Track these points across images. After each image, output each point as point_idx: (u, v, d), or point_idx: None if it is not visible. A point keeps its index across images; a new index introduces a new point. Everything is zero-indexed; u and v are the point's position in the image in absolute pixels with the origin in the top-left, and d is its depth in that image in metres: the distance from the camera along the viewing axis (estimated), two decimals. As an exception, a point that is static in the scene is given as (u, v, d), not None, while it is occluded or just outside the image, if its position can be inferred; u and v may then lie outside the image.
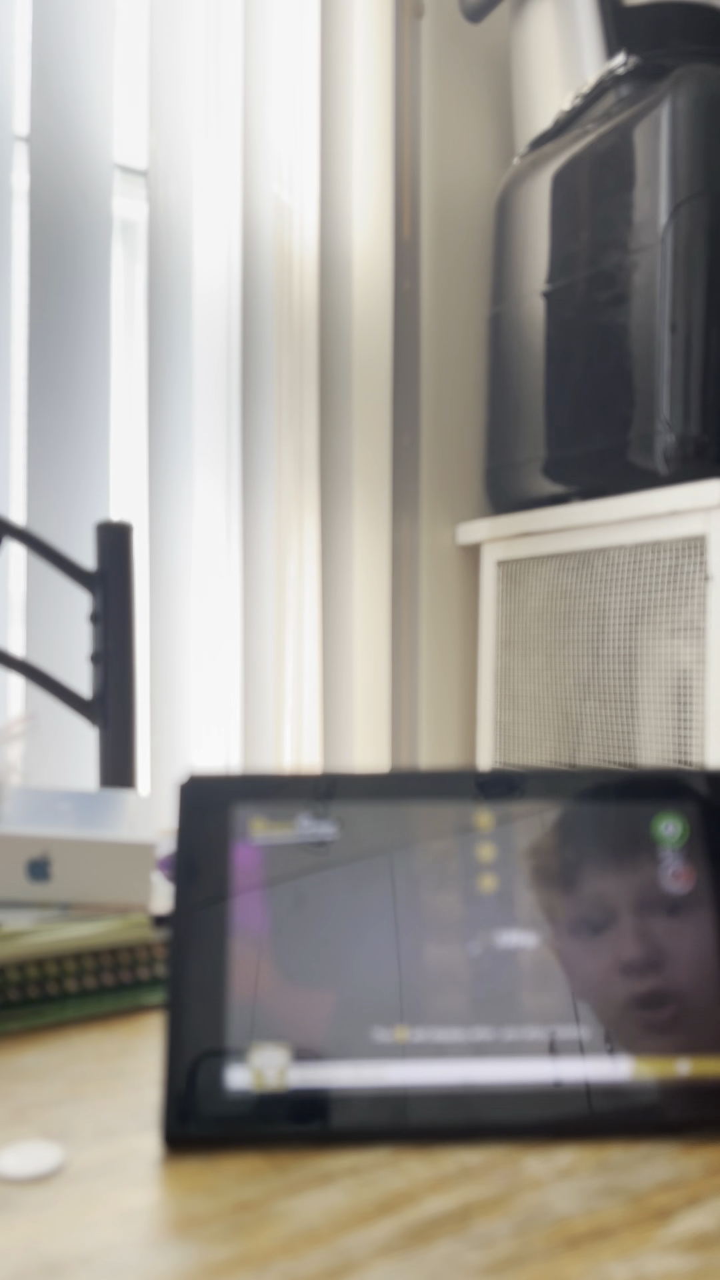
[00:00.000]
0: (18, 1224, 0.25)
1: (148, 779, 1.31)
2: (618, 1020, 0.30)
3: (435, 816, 0.33)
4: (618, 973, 0.31)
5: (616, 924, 0.31)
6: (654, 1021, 0.30)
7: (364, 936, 0.31)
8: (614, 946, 0.31)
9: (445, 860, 0.32)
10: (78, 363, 1.27)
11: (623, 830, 0.33)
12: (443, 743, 1.65)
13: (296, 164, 1.45)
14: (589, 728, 1.44)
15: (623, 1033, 0.30)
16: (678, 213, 1.29)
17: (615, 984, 0.31)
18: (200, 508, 1.38)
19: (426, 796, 0.33)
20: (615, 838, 0.32)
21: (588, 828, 0.33)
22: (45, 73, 1.24)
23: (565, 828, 0.33)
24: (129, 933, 0.40)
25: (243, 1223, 0.25)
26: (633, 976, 0.31)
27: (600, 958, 0.31)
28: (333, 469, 1.49)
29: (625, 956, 0.31)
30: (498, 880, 0.32)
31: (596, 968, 0.31)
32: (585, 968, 0.31)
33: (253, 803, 0.32)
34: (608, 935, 0.31)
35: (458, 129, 1.69)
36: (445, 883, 0.32)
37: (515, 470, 1.57)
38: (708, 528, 1.27)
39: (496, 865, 0.32)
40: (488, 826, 0.32)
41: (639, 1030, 0.30)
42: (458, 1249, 0.24)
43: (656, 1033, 0.30)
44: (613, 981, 0.31)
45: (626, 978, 0.31)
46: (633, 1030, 0.30)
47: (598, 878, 0.32)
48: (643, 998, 0.30)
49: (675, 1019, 0.30)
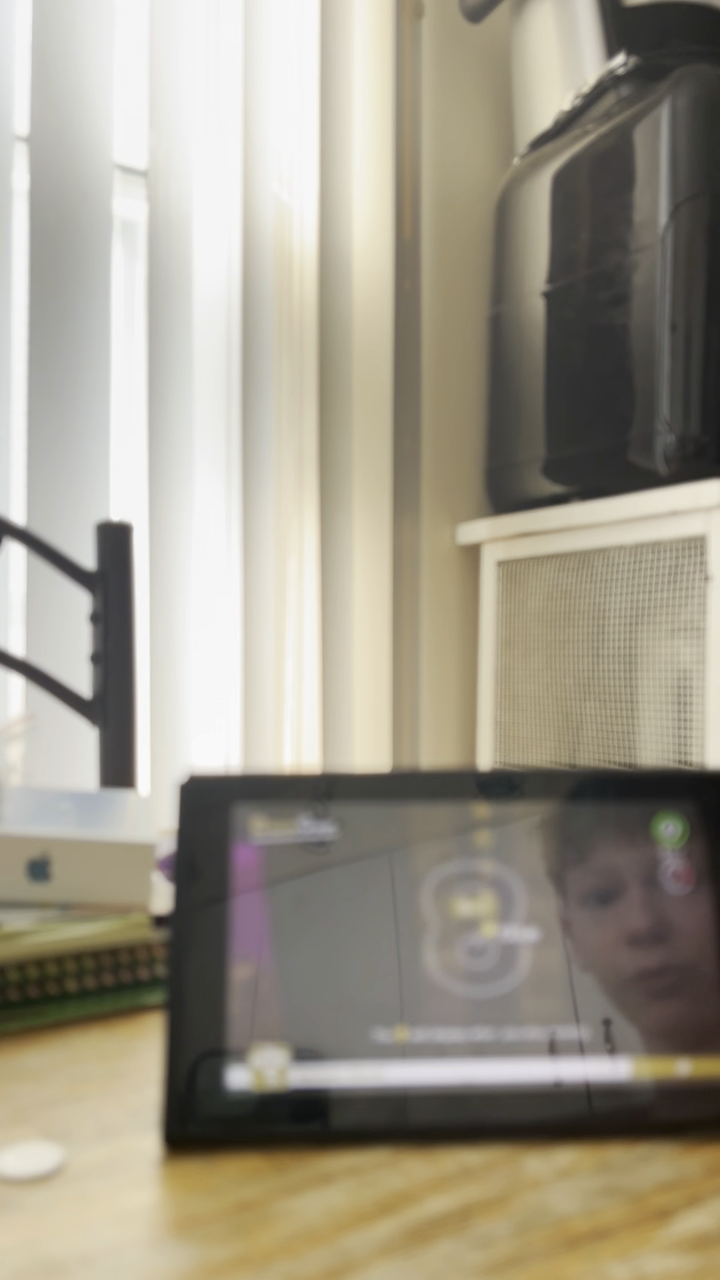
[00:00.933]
0: (18, 1224, 0.25)
1: (148, 779, 1.31)
2: (623, 996, 0.30)
3: (435, 816, 0.33)
4: (625, 945, 0.31)
5: (624, 897, 0.31)
6: (658, 994, 0.30)
7: (364, 936, 0.31)
8: (620, 923, 0.31)
9: (445, 860, 0.32)
10: (78, 363, 1.26)
11: (622, 830, 0.33)
12: (443, 743, 1.65)
13: (296, 164, 1.45)
14: (589, 728, 1.44)
15: (627, 1006, 0.30)
16: (678, 213, 1.29)
17: (622, 956, 0.31)
18: (200, 508, 1.38)
19: (426, 796, 0.33)
20: (615, 837, 0.32)
21: (588, 827, 0.33)
22: (45, 73, 1.24)
23: (565, 828, 0.33)
24: (129, 933, 0.40)
25: (243, 1223, 0.25)
26: (639, 949, 0.31)
27: (608, 932, 0.31)
28: (333, 469, 1.49)
29: (631, 928, 0.31)
30: (497, 880, 0.32)
31: (603, 940, 0.31)
32: (592, 942, 0.31)
33: (253, 803, 0.32)
34: (615, 907, 0.31)
35: (458, 129, 1.69)
36: (445, 883, 0.32)
37: (515, 470, 1.57)
38: (708, 528, 1.27)
39: (496, 865, 0.32)
40: (487, 826, 0.32)
41: (644, 1006, 0.30)
42: (458, 1249, 0.24)
43: (659, 1005, 0.30)
44: (620, 953, 0.31)
45: (633, 950, 0.31)
46: (637, 1005, 0.30)
47: (600, 871, 0.32)
48: (650, 971, 0.30)
49: (679, 1009, 0.30)
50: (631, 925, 0.31)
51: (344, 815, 0.32)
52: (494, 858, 0.32)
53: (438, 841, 0.32)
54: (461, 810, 0.33)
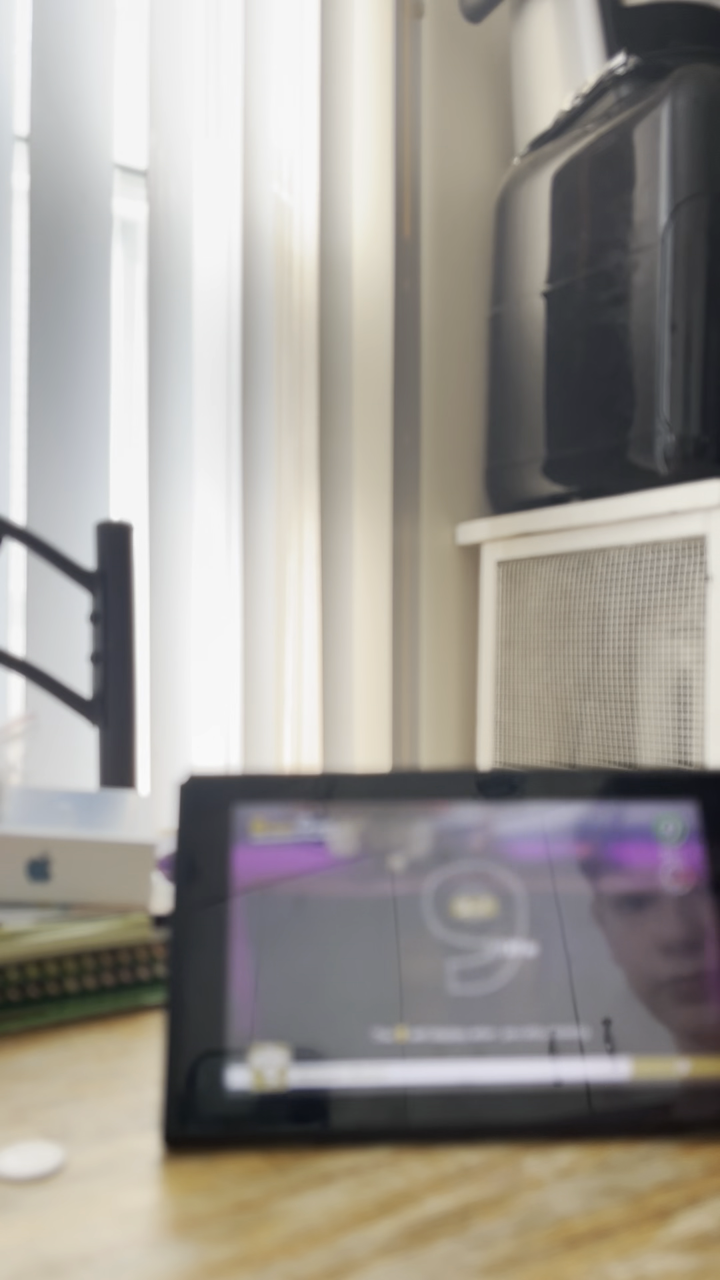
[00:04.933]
0: (18, 1224, 0.25)
1: (148, 779, 1.31)
2: (629, 996, 0.30)
3: (435, 816, 0.33)
4: (627, 945, 0.31)
5: (624, 897, 0.31)
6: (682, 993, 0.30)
7: (364, 936, 0.31)
8: (640, 926, 0.31)
9: (445, 860, 0.32)
10: (78, 363, 1.26)
11: (622, 830, 0.33)
12: (443, 743, 1.65)
13: (296, 164, 1.45)
14: (589, 728, 1.44)
15: (633, 1005, 0.30)
16: (678, 213, 1.29)
17: (624, 957, 0.31)
18: (200, 508, 1.38)
19: (426, 796, 0.33)
20: (614, 837, 0.32)
21: (587, 827, 0.33)
22: (45, 73, 1.24)
23: (565, 827, 0.33)
24: (129, 933, 0.40)
25: (243, 1223, 0.25)
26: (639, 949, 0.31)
27: (612, 933, 0.31)
28: (333, 469, 1.49)
29: (638, 929, 0.31)
30: (497, 880, 0.32)
31: (611, 941, 0.31)
32: (591, 940, 0.31)
33: (253, 803, 0.32)
34: (617, 907, 0.31)
35: (458, 129, 1.69)
36: (445, 883, 0.32)
37: (515, 470, 1.57)
38: (708, 528, 1.27)
39: (496, 865, 0.32)
40: (487, 826, 0.32)
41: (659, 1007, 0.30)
42: (458, 1249, 0.24)
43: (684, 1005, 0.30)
44: (622, 954, 0.31)
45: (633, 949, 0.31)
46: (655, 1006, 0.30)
47: (599, 871, 0.32)
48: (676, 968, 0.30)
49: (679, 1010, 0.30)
50: (638, 927, 0.31)
51: (344, 815, 0.32)
52: (494, 858, 0.32)
53: (438, 841, 0.32)
54: (461, 810, 0.33)
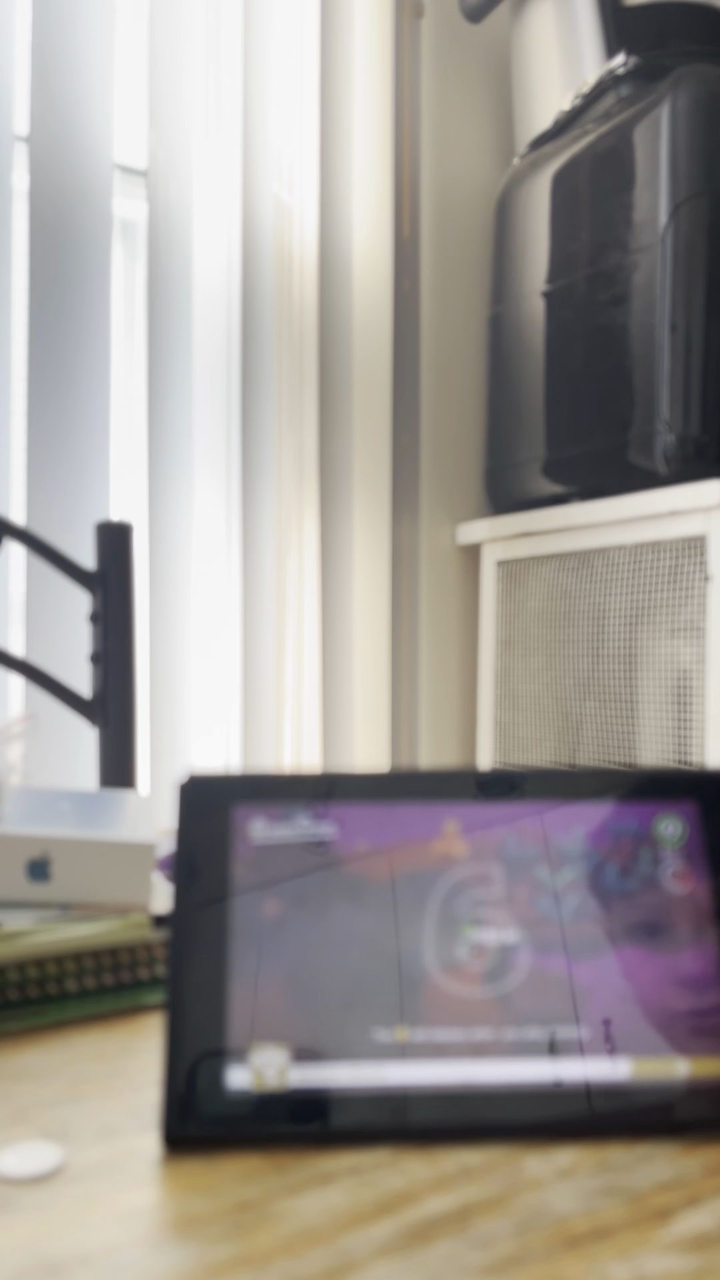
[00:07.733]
0: (18, 1224, 0.25)
1: (148, 779, 1.31)
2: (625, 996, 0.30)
3: (435, 816, 0.33)
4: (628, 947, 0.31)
5: (624, 896, 0.31)
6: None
7: (364, 936, 0.31)
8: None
9: (445, 860, 0.32)
10: (78, 363, 1.26)
11: (622, 830, 0.33)
12: (443, 743, 1.65)
13: (296, 164, 1.45)
14: (589, 728, 1.44)
15: (672, 1030, 0.30)
16: (678, 213, 1.29)
17: (667, 994, 0.31)
18: (200, 508, 1.38)
19: (426, 796, 0.33)
20: (614, 837, 0.32)
21: (587, 827, 0.33)
22: (45, 73, 1.24)
23: (565, 827, 0.33)
24: (129, 933, 0.40)
25: (243, 1223, 0.25)
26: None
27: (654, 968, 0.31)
28: (333, 469, 1.49)
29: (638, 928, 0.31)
30: (497, 880, 0.32)
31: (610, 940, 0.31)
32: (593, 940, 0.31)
33: (253, 803, 0.32)
34: (617, 908, 0.31)
35: (458, 129, 1.69)
36: (445, 883, 0.32)
37: (515, 470, 1.57)
38: (708, 528, 1.27)
39: (496, 865, 0.32)
40: (487, 826, 0.32)
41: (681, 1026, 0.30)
42: (458, 1249, 0.24)
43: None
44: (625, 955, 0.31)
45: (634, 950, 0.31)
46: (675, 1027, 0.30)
47: (599, 871, 0.32)
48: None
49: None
50: (638, 927, 0.31)
51: (344, 815, 0.32)
52: (494, 858, 0.32)
53: (437, 841, 0.32)
54: (461, 810, 0.33)
